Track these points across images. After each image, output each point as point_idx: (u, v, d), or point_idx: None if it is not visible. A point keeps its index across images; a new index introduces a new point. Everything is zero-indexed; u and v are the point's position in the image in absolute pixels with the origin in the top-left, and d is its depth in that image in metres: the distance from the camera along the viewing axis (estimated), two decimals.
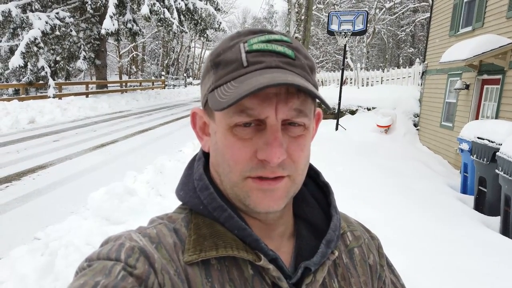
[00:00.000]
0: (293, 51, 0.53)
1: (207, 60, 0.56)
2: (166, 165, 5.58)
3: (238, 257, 0.52)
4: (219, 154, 0.54)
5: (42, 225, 4.05)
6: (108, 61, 25.82)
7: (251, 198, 0.52)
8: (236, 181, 0.53)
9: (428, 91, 11.05)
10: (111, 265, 0.46)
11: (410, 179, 6.75)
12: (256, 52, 0.51)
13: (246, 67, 0.51)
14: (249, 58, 0.51)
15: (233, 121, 0.51)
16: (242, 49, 0.52)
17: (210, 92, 0.54)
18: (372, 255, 0.67)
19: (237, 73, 0.51)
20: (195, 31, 21.89)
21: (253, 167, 0.51)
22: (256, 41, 0.52)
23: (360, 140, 9.82)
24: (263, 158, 0.50)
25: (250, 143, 0.51)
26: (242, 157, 0.51)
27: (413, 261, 3.37)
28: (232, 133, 0.51)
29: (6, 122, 10.60)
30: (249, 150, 0.51)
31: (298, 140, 0.53)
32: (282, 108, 0.50)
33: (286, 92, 0.50)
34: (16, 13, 14.82)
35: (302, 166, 0.54)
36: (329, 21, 10.90)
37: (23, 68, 14.64)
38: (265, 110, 0.49)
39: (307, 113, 0.52)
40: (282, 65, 0.51)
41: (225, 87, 0.51)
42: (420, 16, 29.08)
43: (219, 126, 0.53)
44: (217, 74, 0.53)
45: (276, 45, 0.52)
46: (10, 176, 6.01)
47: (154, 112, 16.55)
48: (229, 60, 0.52)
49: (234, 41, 0.54)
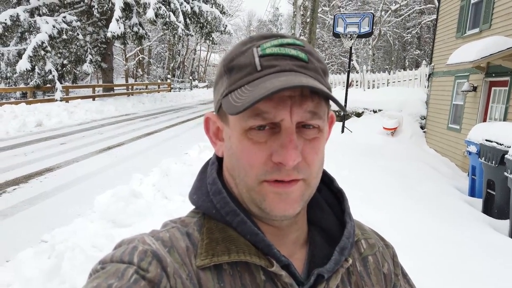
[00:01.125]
0: (306, 55, 0.53)
1: (220, 66, 0.57)
2: (171, 168, 5.59)
3: (250, 262, 0.52)
4: (234, 159, 0.54)
5: (49, 228, 4.07)
6: (114, 64, 26.00)
7: (266, 202, 0.52)
8: (252, 185, 0.52)
9: (435, 93, 10.98)
10: (124, 268, 0.46)
11: (417, 181, 6.70)
12: (270, 56, 0.51)
13: (260, 71, 0.51)
14: (263, 62, 0.51)
15: (248, 125, 0.51)
16: (255, 53, 0.52)
17: (224, 97, 0.54)
18: (386, 263, 0.66)
19: (251, 77, 0.51)
20: (201, 34, 22.00)
21: (268, 171, 0.51)
22: (269, 45, 0.52)
23: (366, 143, 9.77)
24: (278, 161, 0.50)
25: (265, 146, 0.51)
26: (257, 160, 0.51)
27: (418, 263, 3.34)
28: (247, 137, 0.51)
29: (14, 125, 10.70)
30: (264, 154, 0.51)
31: (313, 143, 0.52)
32: (296, 110, 0.50)
33: (300, 95, 0.50)
34: (24, 17, 15.01)
35: (316, 169, 0.54)
36: (335, 24, 10.89)
37: (30, 72, 14.80)
38: (280, 113, 0.49)
39: (321, 115, 0.52)
40: (296, 68, 0.51)
41: (239, 91, 0.51)
42: (426, 18, 28.95)
43: (233, 131, 0.53)
44: (231, 79, 0.53)
45: (289, 49, 0.52)
46: (18, 178, 6.06)
47: (160, 115, 16.62)
48: (242, 65, 0.52)
49: (247, 46, 0.54)
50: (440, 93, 10.44)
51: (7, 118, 11.16)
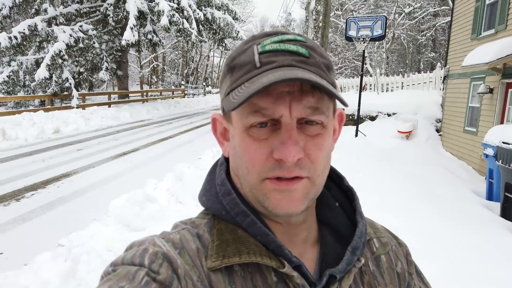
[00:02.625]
0: (307, 50, 0.52)
1: (224, 65, 0.57)
2: (185, 173, 5.63)
3: (261, 263, 0.51)
4: (237, 157, 0.54)
5: (66, 232, 4.14)
6: (129, 71, 26.41)
7: (269, 200, 0.51)
8: (254, 183, 0.52)
9: (451, 96, 10.82)
10: (135, 270, 0.47)
11: (434, 185, 6.59)
12: (269, 52, 0.51)
13: (259, 67, 0.50)
14: (262, 59, 0.51)
15: (249, 122, 0.50)
16: (255, 50, 0.52)
17: (226, 96, 0.54)
18: (400, 262, 0.65)
19: (250, 74, 0.51)
20: (214, 41, 22.20)
21: (270, 168, 0.50)
22: (269, 42, 0.52)
23: (381, 146, 9.67)
24: (278, 157, 0.49)
25: (266, 143, 0.50)
26: (259, 158, 0.50)
27: (438, 269, 3.28)
28: (248, 135, 0.51)
29: (33, 132, 10.95)
30: (265, 151, 0.50)
31: (316, 139, 0.51)
32: (296, 106, 0.49)
33: (300, 90, 0.49)
34: (42, 27, 15.39)
35: (321, 167, 0.52)
36: (347, 27, 10.85)
37: (48, 80, 15.14)
38: (279, 109, 0.49)
39: (324, 111, 0.51)
40: (295, 63, 0.50)
41: (238, 89, 0.51)
42: (441, 20, 28.59)
43: (236, 129, 0.53)
44: (233, 78, 0.53)
45: (289, 45, 0.51)
46: (36, 184, 6.19)
47: (174, 121, 16.78)
48: (243, 63, 0.52)
49: (248, 44, 0.54)
50: (456, 95, 10.27)
51: (26, 126, 11.43)
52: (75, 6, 17.41)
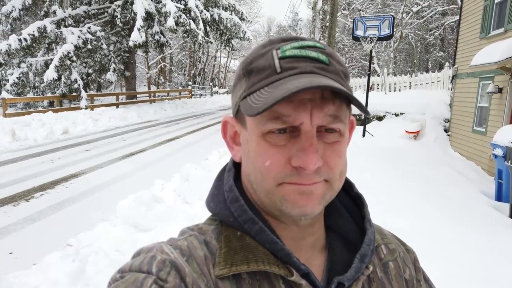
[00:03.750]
0: (327, 57, 0.52)
1: (239, 68, 0.56)
2: (192, 173, 5.66)
3: (269, 271, 0.51)
4: (251, 163, 0.53)
5: (74, 232, 4.18)
6: (137, 72, 26.59)
7: (288, 202, 0.50)
8: (270, 188, 0.51)
9: (459, 96, 10.72)
10: (143, 278, 0.46)
11: (442, 186, 6.54)
12: (290, 58, 0.51)
13: (280, 73, 0.50)
14: (283, 64, 0.50)
15: (267, 128, 0.49)
16: (275, 55, 0.51)
17: (243, 100, 0.53)
18: (408, 269, 0.64)
19: (270, 79, 0.50)
20: (221, 41, 22.26)
21: (287, 174, 0.50)
22: (289, 47, 0.51)
23: (388, 147, 9.61)
24: (298, 165, 0.48)
25: (284, 149, 0.49)
26: (275, 164, 0.50)
27: (446, 271, 3.26)
28: (265, 140, 0.50)
29: (42, 133, 11.08)
30: (282, 157, 0.49)
31: (334, 147, 0.51)
32: (317, 114, 0.49)
33: (321, 98, 0.49)
34: (51, 29, 15.57)
35: (339, 172, 0.52)
36: (354, 27, 10.81)
37: (57, 81, 15.29)
38: (300, 116, 0.48)
39: (343, 119, 0.51)
40: (317, 70, 0.50)
41: (258, 94, 0.50)
42: (450, 19, 28.33)
43: (251, 134, 0.52)
44: (250, 82, 0.52)
45: (309, 51, 0.51)
46: (45, 184, 6.26)
47: (181, 121, 16.85)
48: (261, 67, 0.51)
49: (266, 48, 0.53)
50: (464, 95, 10.18)
51: (35, 126, 11.56)
52: (84, 8, 17.57)
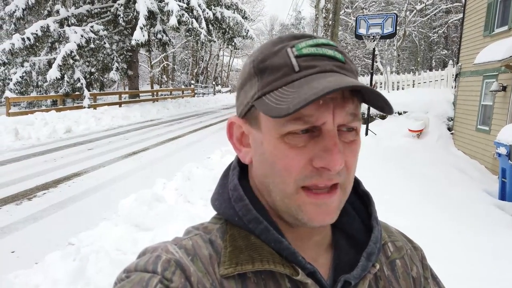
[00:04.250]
0: (342, 55, 0.51)
1: (249, 67, 0.54)
2: (194, 172, 5.65)
3: (275, 271, 0.51)
4: (268, 165, 0.52)
5: (75, 231, 4.19)
6: (140, 71, 26.61)
7: (304, 213, 0.50)
8: (289, 192, 0.50)
9: (463, 94, 10.66)
10: (148, 278, 0.46)
11: (445, 185, 6.51)
12: (307, 56, 0.49)
13: (298, 71, 0.49)
14: (300, 63, 0.49)
15: (286, 129, 0.48)
16: (290, 53, 0.50)
17: (257, 100, 0.51)
18: (415, 267, 0.63)
19: (288, 78, 0.49)
20: (223, 40, 22.25)
21: (307, 176, 0.49)
22: (304, 45, 0.50)
23: (391, 146, 9.58)
24: (322, 165, 0.47)
25: (304, 150, 0.48)
26: (296, 165, 0.49)
27: (447, 271, 3.23)
28: (284, 142, 0.49)
29: (45, 132, 11.12)
30: (303, 158, 0.48)
31: (352, 146, 0.51)
32: (339, 112, 0.48)
33: (342, 97, 0.48)
34: (54, 28, 15.60)
35: (352, 173, 0.52)
36: (357, 25, 10.77)
37: (60, 80, 15.33)
38: (323, 116, 0.47)
39: (360, 117, 0.51)
40: (336, 69, 0.49)
41: (276, 93, 0.48)
42: (453, 17, 28.17)
43: (267, 135, 0.51)
44: (264, 81, 0.51)
45: (326, 49, 0.50)
46: (48, 183, 6.28)
47: (184, 120, 16.86)
48: (277, 66, 0.50)
49: (279, 46, 0.52)
50: (468, 93, 10.12)
51: (38, 125, 11.61)
52: (86, 7, 17.60)
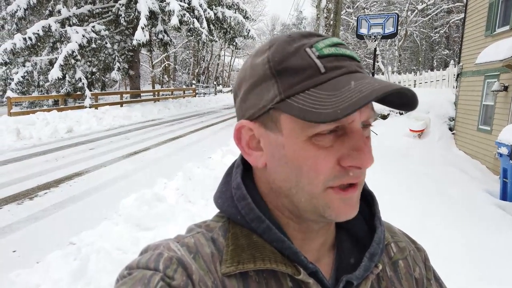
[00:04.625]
0: (354, 54, 0.52)
1: (263, 68, 0.51)
2: (195, 172, 5.66)
3: (276, 270, 0.51)
4: (291, 168, 0.50)
5: (76, 231, 4.19)
6: (141, 71, 26.63)
7: (331, 209, 0.50)
8: (316, 193, 0.49)
9: (464, 94, 10.64)
10: (150, 275, 0.46)
11: (446, 185, 6.50)
12: (329, 57, 0.49)
13: (325, 73, 0.48)
14: (325, 64, 0.48)
15: (315, 131, 0.47)
16: (311, 54, 0.49)
17: (279, 103, 0.49)
18: (418, 268, 0.63)
19: (316, 80, 0.48)
20: (224, 40, 22.25)
21: (336, 176, 0.48)
22: (324, 45, 0.50)
23: (392, 145, 9.58)
24: (353, 164, 0.47)
25: (331, 150, 0.48)
26: (324, 166, 0.48)
27: (448, 270, 3.24)
28: (311, 143, 0.48)
29: (46, 131, 11.14)
30: (332, 158, 0.48)
31: (368, 141, 0.51)
32: (364, 110, 0.49)
33: None
34: (55, 28, 15.63)
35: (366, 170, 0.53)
36: (358, 25, 10.78)
37: (61, 80, 15.37)
38: (352, 115, 0.47)
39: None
40: (359, 69, 0.50)
41: (306, 96, 0.47)
42: (455, 17, 28.13)
43: (292, 138, 0.49)
44: (285, 82, 0.49)
45: (343, 49, 0.50)
46: (49, 183, 6.29)
47: (185, 120, 16.87)
48: (299, 67, 0.49)
49: (294, 45, 0.50)
50: (470, 93, 10.11)
51: (40, 125, 11.63)
52: (88, 7, 17.62)
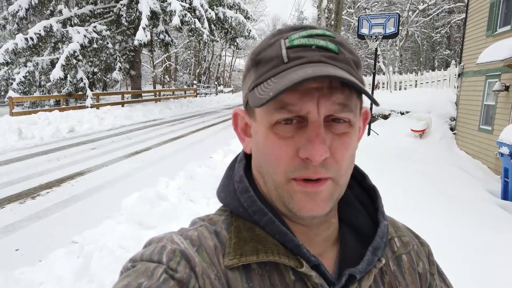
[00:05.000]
0: (336, 45, 0.50)
1: (248, 59, 0.55)
2: (196, 171, 5.67)
3: (279, 262, 0.51)
4: (261, 155, 0.53)
5: (79, 229, 4.21)
6: (142, 71, 26.66)
7: (294, 201, 0.50)
8: (280, 182, 0.51)
9: (465, 94, 10.64)
10: (153, 267, 0.47)
11: (447, 185, 6.50)
12: (297, 47, 0.49)
13: (287, 62, 0.49)
14: (290, 54, 0.49)
15: (274, 119, 0.49)
16: (282, 45, 0.50)
17: (251, 91, 0.52)
18: (421, 262, 0.63)
19: (277, 70, 0.49)
20: (226, 40, 22.25)
21: (296, 167, 0.49)
22: (297, 37, 0.50)
23: (394, 146, 9.57)
24: (305, 156, 0.47)
25: (291, 141, 0.49)
26: (284, 156, 0.49)
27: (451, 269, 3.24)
28: (273, 132, 0.50)
29: (48, 131, 11.16)
30: (290, 149, 0.49)
31: (342, 138, 0.50)
32: (324, 102, 0.47)
33: (329, 87, 0.47)
34: (57, 28, 15.66)
35: (345, 166, 0.51)
36: (359, 25, 10.77)
37: (63, 80, 15.39)
38: (306, 105, 0.47)
39: (352, 109, 0.50)
40: (325, 59, 0.48)
41: (265, 84, 0.49)
42: (456, 17, 28.10)
43: (260, 125, 0.52)
44: (258, 72, 0.52)
45: (318, 39, 0.50)
46: (51, 182, 6.31)
47: (186, 120, 16.88)
48: (269, 57, 0.51)
49: (275, 38, 0.52)
50: (471, 93, 10.10)
51: (41, 125, 11.66)
52: (89, 7, 17.65)
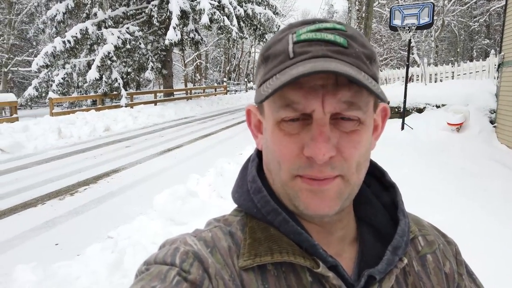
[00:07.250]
0: (345, 39, 0.48)
1: (259, 56, 0.54)
2: (226, 168, 5.72)
3: (295, 263, 0.50)
4: (269, 152, 0.52)
5: (114, 225, 4.36)
6: (174, 70, 27.17)
7: (300, 199, 0.49)
8: (286, 180, 0.50)
9: (506, 84, 10.11)
10: (166, 270, 0.47)
11: (486, 180, 6.21)
12: (304, 42, 0.48)
13: (292, 58, 0.48)
14: (296, 49, 0.48)
15: (280, 116, 0.48)
16: (290, 40, 0.49)
17: (259, 87, 0.52)
18: (448, 262, 0.60)
19: (283, 65, 0.48)
20: (255, 37, 22.24)
21: (301, 166, 0.48)
22: (305, 31, 0.49)
23: (429, 140, 9.26)
24: (308, 154, 0.46)
25: (297, 138, 0.48)
26: (289, 153, 0.48)
27: (490, 267, 3.10)
28: (279, 129, 0.49)
29: (86, 130, 11.61)
30: (295, 146, 0.48)
31: (351, 136, 0.48)
32: (329, 100, 0.46)
33: (334, 83, 0.46)
34: (92, 31, 16.22)
35: (355, 165, 0.49)
36: (392, 16, 10.45)
37: (99, 81, 15.94)
38: (311, 103, 0.46)
39: (361, 106, 0.47)
40: (330, 54, 0.46)
41: (269, 81, 0.48)
42: (496, 4, 26.72)
43: (268, 122, 0.52)
44: (266, 68, 0.51)
45: (325, 33, 0.48)
46: (88, 179, 6.56)
47: (217, 117, 17.06)
48: (277, 53, 0.50)
49: (284, 33, 0.51)
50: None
51: (79, 124, 12.14)
52: (122, 9, 18.16)
